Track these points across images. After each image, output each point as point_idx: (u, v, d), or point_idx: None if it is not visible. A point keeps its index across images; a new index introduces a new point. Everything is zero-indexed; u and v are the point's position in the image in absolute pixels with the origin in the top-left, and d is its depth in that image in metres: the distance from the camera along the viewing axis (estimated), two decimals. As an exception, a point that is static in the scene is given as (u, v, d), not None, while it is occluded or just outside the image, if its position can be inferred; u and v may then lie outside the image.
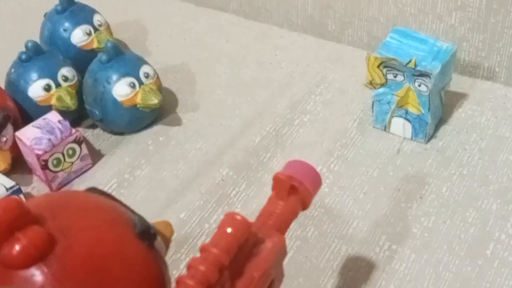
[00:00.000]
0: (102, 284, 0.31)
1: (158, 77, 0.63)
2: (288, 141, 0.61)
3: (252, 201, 0.56)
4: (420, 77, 0.56)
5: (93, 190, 0.36)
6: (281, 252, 0.37)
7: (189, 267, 0.32)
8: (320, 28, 0.73)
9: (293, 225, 0.53)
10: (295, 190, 0.39)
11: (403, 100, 0.58)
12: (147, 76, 0.61)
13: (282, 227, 0.39)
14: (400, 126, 0.60)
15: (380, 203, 0.55)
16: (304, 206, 0.40)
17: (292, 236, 0.53)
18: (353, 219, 0.54)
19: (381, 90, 0.59)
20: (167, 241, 0.38)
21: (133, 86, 0.60)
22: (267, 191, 0.56)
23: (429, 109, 0.57)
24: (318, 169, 0.57)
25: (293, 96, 0.65)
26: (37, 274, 0.30)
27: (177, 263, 0.52)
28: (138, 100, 0.60)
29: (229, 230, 0.34)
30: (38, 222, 0.31)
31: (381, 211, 0.54)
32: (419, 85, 0.56)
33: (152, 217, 0.55)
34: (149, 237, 0.34)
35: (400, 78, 0.57)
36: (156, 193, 0.58)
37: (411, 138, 0.60)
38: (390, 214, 0.54)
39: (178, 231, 0.54)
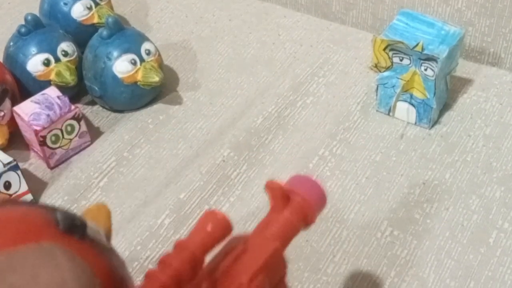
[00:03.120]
0: None
1: (159, 55, 0.62)
2: (290, 123, 0.60)
3: (253, 183, 0.55)
4: (426, 61, 0.55)
5: None
6: (275, 258, 0.35)
7: (160, 261, 0.30)
8: (324, 9, 0.72)
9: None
10: (291, 200, 0.37)
11: (408, 84, 0.57)
12: (148, 53, 0.60)
13: (280, 237, 0.36)
14: (404, 111, 0.59)
15: (382, 188, 0.54)
16: (306, 220, 0.37)
17: (293, 219, 0.53)
18: (354, 203, 0.54)
19: (386, 73, 0.58)
20: (105, 224, 0.35)
21: (134, 63, 0.59)
22: (268, 173, 0.56)
23: (434, 94, 0.56)
24: (320, 152, 0.57)
25: (296, 77, 0.64)
26: None
27: (176, 244, 0.52)
28: (139, 77, 0.60)
29: (207, 227, 0.32)
30: None
31: (383, 196, 0.54)
32: (425, 69, 0.55)
33: (151, 197, 0.55)
34: (77, 229, 0.30)
35: (406, 61, 0.56)
36: (155, 172, 0.57)
37: (415, 123, 0.59)
38: (392, 199, 0.54)
39: (177, 212, 0.54)
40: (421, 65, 0.55)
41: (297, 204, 0.37)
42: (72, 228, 0.30)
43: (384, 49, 0.56)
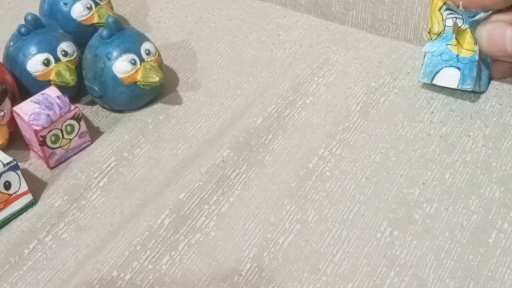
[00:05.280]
0: None
1: (159, 55, 0.62)
2: (290, 123, 0.60)
3: (253, 183, 0.55)
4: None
5: None
6: None
7: None
8: (324, 9, 0.72)
9: (293, 208, 0.53)
10: None
11: (458, 46, 0.58)
12: (148, 53, 0.60)
13: None
14: (447, 76, 0.59)
15: (382, 188, 0.55)
16: None
17: (293, 219, 0.53)
18: (354, 203, 0.54)
19: (435, 41, 0.59)
20: None
21: (133, 63, 0.59)
22: (268, 173, 0.56)
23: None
24: (320, 152, 0.57)
25: (295, 78, 0.64)
26: None
27: (176, 244, 0.52)
28: (139, 77, 0.60)
29: None
30: None
31: (382, 196, 0.54)
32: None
33: (151, 197, 0.55)
34: None
35: (459, 23, 0.57)
36: (155, 172, 0.57)
37: (457, 87, 0.59)
38: (392, 199, 0.54)
39: (177, 212, 0.54)
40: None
41: None
42: None
43: (440, 9, 0.57)
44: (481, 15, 0.57)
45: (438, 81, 0.60)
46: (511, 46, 0.56)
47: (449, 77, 0.59)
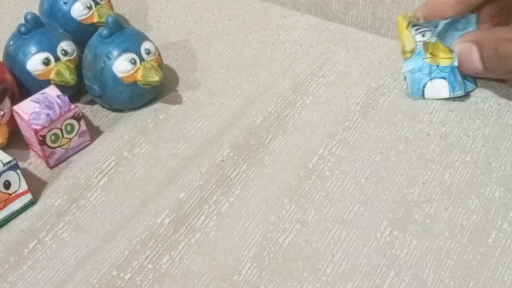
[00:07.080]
0: None
1: (159, 54, 0.62)
2: (290, 123, 0.60)
3: (253, 183, 0.55)
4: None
5: None
6: None
7: None
8: (324, 8, 0.72)
9: (293, 208, 0.53)
10: None
11: (434, 57, 0.59)
12: (148, 52, 0.60)
13: None
14: (436, 88, 0.60)
15: (382, 188, 0.55)
16: None
17: (292, 219, 0.53)
18: (354, 203, 0.54)
19: (411, 59, 0.59)
20: None
21: (133, 62, 0.59)
22: (268, 173, 0.56)
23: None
24: (320, 152, 0.57)
25: (295, 77, 0.64)
26: None
27: (175, 243, 0.52)
28: (139, 77, 0.60)
29: None
30: None
31: (382, 196, 0.54)
32: None
33: (151, 196, 0.55)
34: None
35: (428, 35, 0.57)
36: (155, 172, 0.57)
37: (450, 95, 0.60)
38: (392, 199, 0.54)
39: (177, 211, 0.54)
40: None
41: None
42: None
43: (407, 27, 0.57)
44: (441, 23, 0.58)
45: (429, 95, 0.61)
46: (480, 64, 0.57)
47: (439, 88, 0.60)
